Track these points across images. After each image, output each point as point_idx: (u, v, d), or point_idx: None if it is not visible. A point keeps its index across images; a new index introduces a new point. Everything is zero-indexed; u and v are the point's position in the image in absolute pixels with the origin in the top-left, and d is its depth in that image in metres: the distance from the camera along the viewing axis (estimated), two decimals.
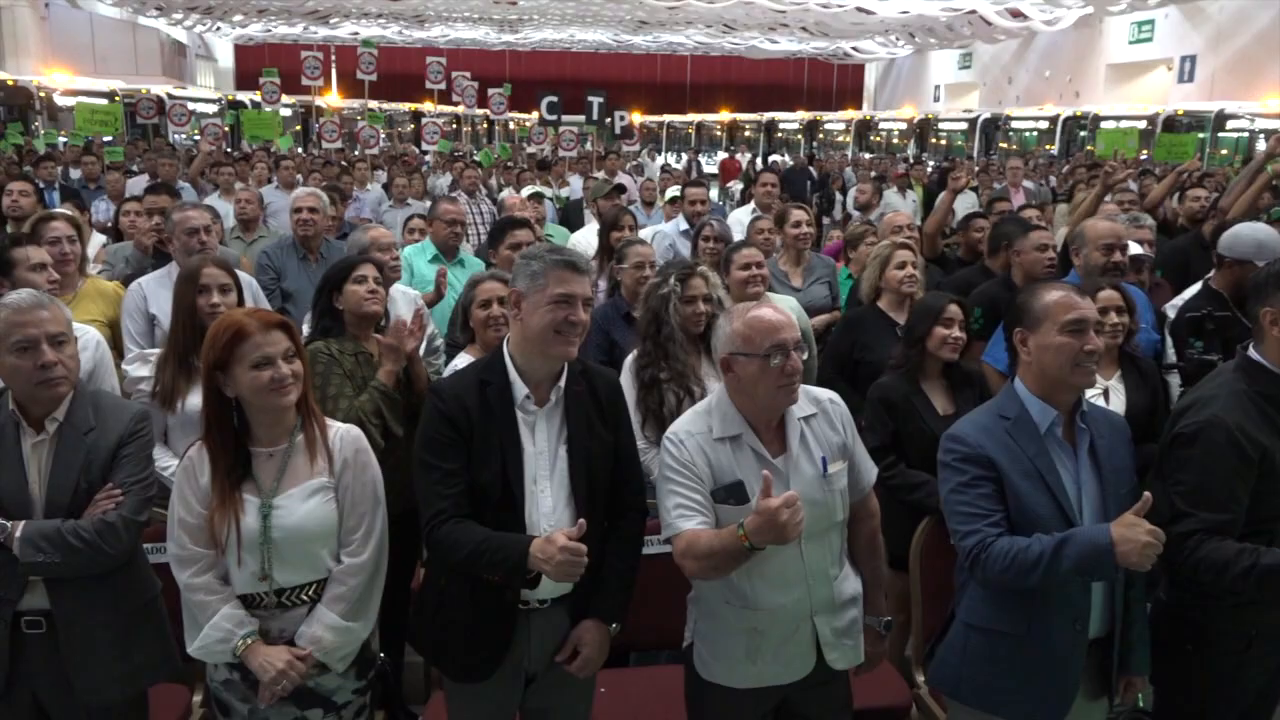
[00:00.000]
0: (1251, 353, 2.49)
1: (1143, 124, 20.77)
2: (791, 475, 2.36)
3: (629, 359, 3.51)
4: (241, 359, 2.29)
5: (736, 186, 14.03)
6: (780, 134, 31.52)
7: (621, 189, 7.38)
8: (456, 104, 19.29)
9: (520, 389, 2.42)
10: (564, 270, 2.35)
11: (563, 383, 2.45)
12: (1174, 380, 3.86)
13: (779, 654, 2.42)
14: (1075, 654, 2.35)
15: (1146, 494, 2.16)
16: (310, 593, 2.41)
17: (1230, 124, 21.07)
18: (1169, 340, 3.99)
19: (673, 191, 7.82)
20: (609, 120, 14.39)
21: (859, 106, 38.85)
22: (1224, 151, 20.61)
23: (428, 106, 22.01)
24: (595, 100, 13.89)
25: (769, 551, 2.32)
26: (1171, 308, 4.22)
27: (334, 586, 2.41)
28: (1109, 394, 3.38)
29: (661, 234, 6.14)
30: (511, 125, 26.69)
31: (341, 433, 2.47)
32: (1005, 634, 2.37)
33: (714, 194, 13.65)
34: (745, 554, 2.19)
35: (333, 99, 25.73)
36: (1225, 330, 3.69)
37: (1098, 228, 4.03)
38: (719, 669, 2.45)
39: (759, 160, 25.25)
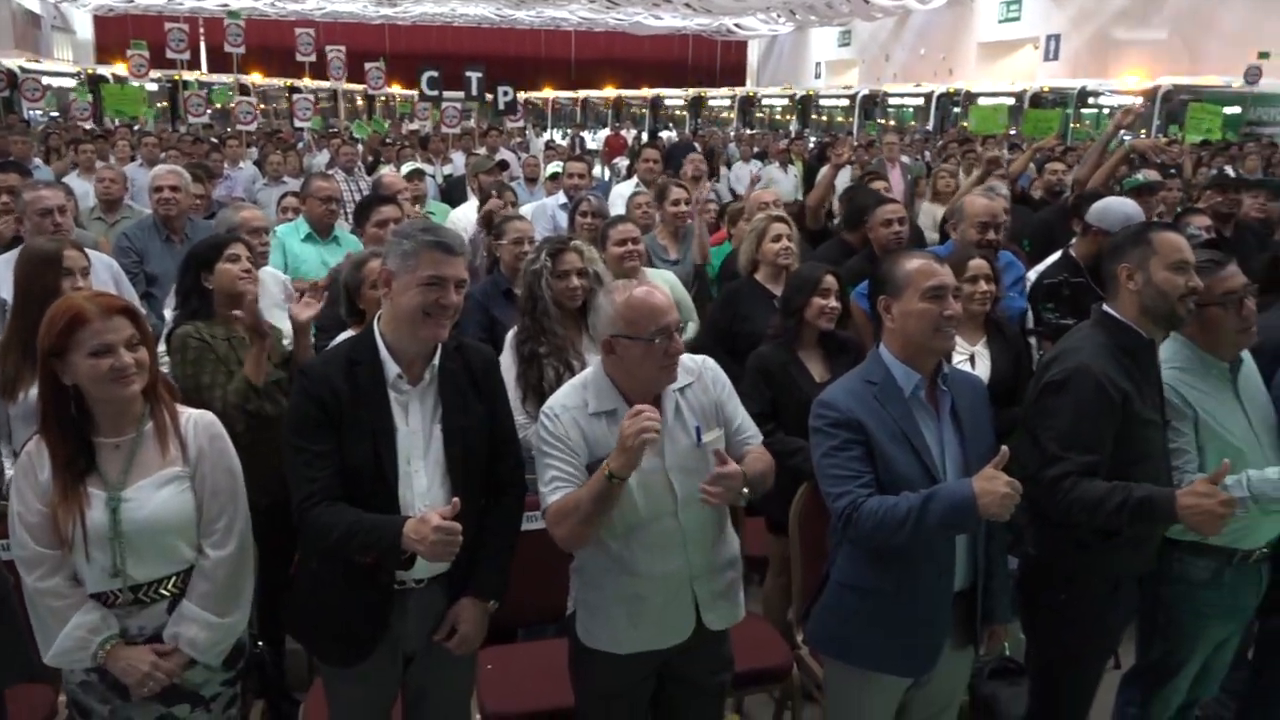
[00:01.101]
0: (1106, 308, 2.62)
1: (1011, 100, 21.54)
2: (667, 447, 2.39)
3: (510, 334, 3.48)
4: (79, 346, 2.16)
5: (623, 163, 14.02)
6: (666, 110, 31.64)
7: (504, 165, 7.30)
8: (331, 79, 18.72)
9: (392, 368, 2.37)
10: (436, 251, 2.30)
11: (436, 361, 2.42)
12: (1034, 343, 4.03)
13: (660, 619, 2.45)
14: (942, 606, 2.45)
15: (1004, 448, 2.25)
16: (170, 586, 2.31)
17: (1091, 100, 22.03)
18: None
19: (554, 167, 7.78)
20: (493, 96, 14.20)
21: (742, 83, 39.26)
22: (1086, 125, 21.56)
23: (306, 82, 21.29)
24: (474, 76, 13.69)
25: (648, 519, 2.35)
26: (1034, 273, 4.41)
27: (200, 582, 2.32)
28: (975, 360, 3.51)
29: (542, 208, 6.11)
30: (392, 101, 26.07)
31: (195, 419, 2.37)
32: (876, 591, 2.45)
33: (600, 170, 13.64)
34: (611, 488, 2.24)
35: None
36: (1079, 296, 3.87)
37: (975, 205, 4.18)
38: (601, 636, 2.48)
39: (644, 136, 25.28)
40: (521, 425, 2.83)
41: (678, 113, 31.49)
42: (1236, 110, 19.94)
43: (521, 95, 19.60)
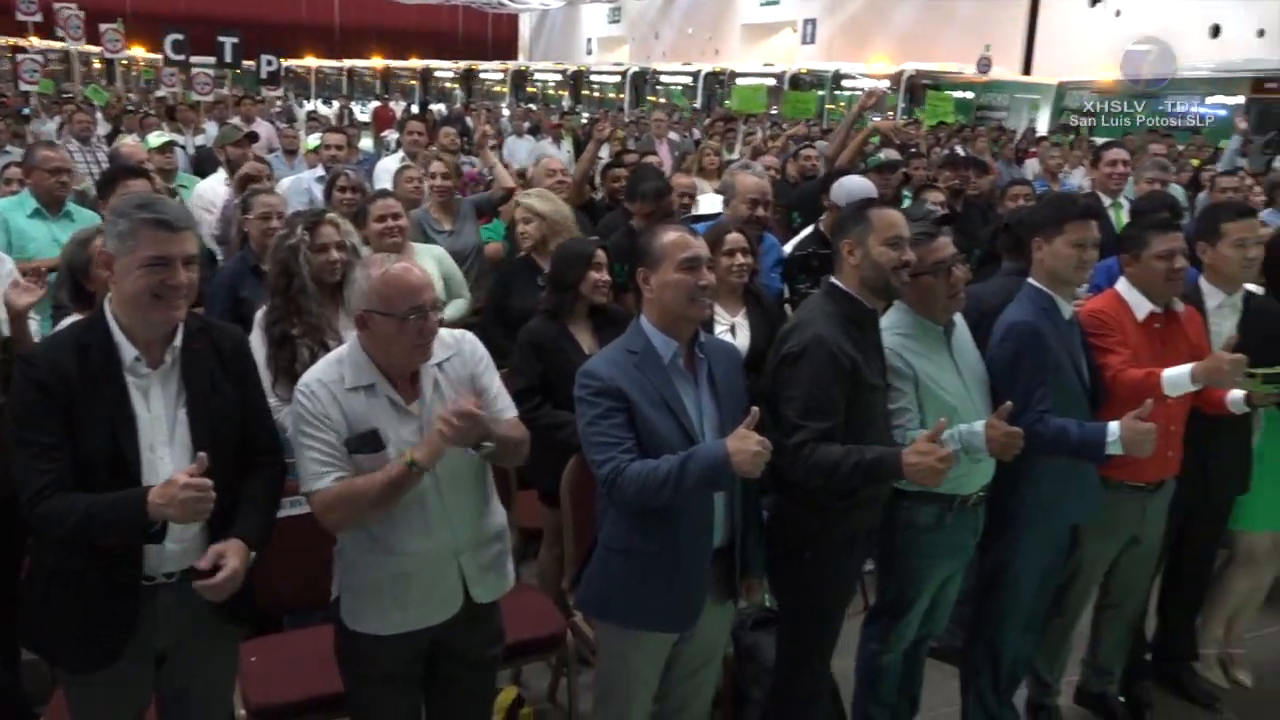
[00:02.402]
0: (834, 280, 2.81)
1: (772, 81, 22.48)
2: (426, 421, 2.37)
3: (258, 314, 3.33)
4: None
5: (392, 136, 13.61)
6: (436, 83, 30.90)
7: (254, 137, 6.93)
8: (62, 39, 17.07)
9: (128, 350, 2.22)
10: (156, 230, 2.15)
11: (178, 342, 2.28)
12: (790, 313, 4.27)
13: (427, 596, 2.44)
14: (702, 563, 2.57)
15: (754, 409, 2.38)
16: None
17: (845, 83, 23.35)
18: None
19: (314, 140, 7.47)
20: (255, 64, 13.43)
21: (514, 57, 38.92)
22: (841, 107, 22.84)
23: (35, 41, 19.27)
24: (229, 41, 12.88)
25: (409, 497, 2.33)
26: (789, 246, 4.66)
27: None
28: (735, 330, 3.66)
29: (298, 181, 5.86)
30: (136, 67, 24.10)
31: None
32: (641, 552, 2.54)
33: (368, 143, 13.19)
34: (410, 476, 2.25)
35: None
36: (826, 268, 4.11)
37: (746, 183, 4.34)
38: (367, 618, 2.44)
39: (414, 108, 24.64)
40: (274, 408, 2.71)
41: (449, 85, 30.84)
42: (970, 96, 21.74)
43: (283, 63, 18.64)
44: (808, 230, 4.83)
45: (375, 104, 24.41)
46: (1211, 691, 3.77)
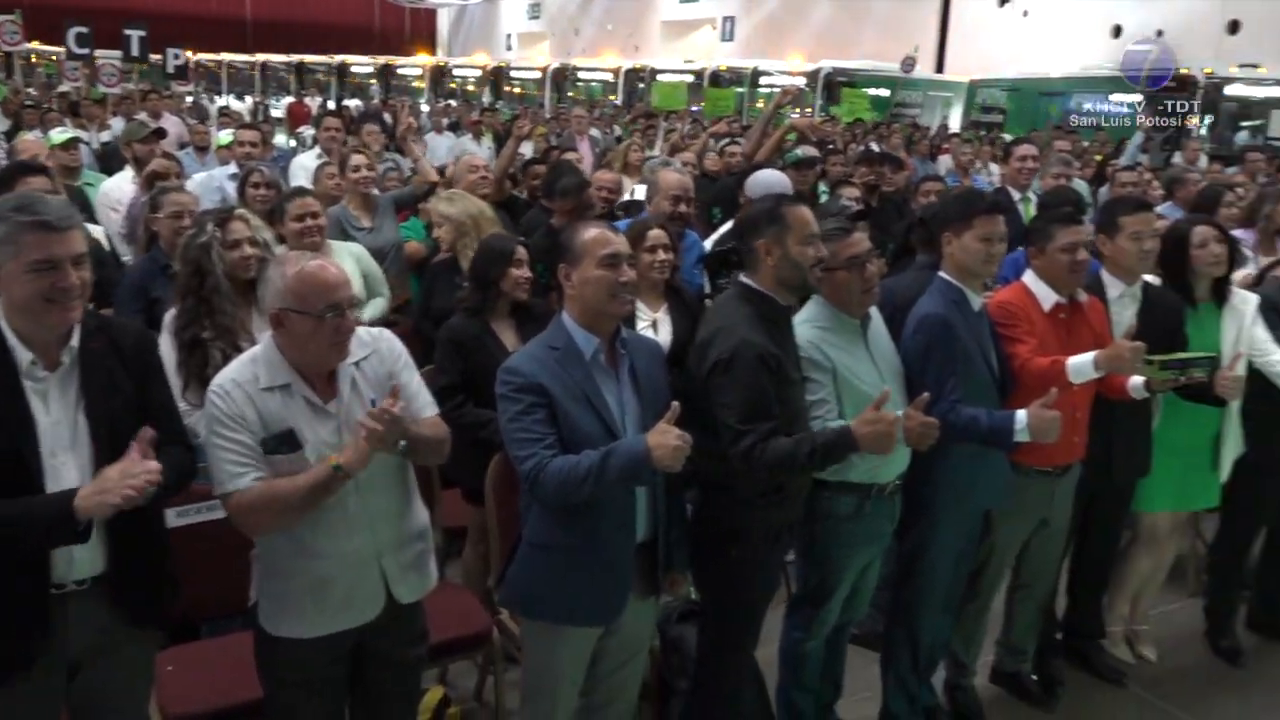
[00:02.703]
0: (745, 279, 2.83)
1: (692, 78, 22.61)
2: (344, 421, 2.35)
3: (166, 318, 3.24)
4: None
5: (308, 132, 13.33)
6: (353, 78, 30.37)
7: (161, 133, 6.75)
8: None
9: (23, 354, 2.14)
10: (38, 232, 2.06)
11: (75, 342, 2.20)
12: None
13: (348, 598, 2.41)
14: (625, 557, 2.58)
15: (675, 404, 2.40)
16: None
17: (764, 80, 23.59)
18: None
19: (226, 136, 7.30)
20: (161, 58, 13.03)
21: (433, 52, 38.46)
22: (761, 104, 23.07)
23: None
24: (135, 34, 12.49)
25: (328, 502, 2.29)
26: (709, 242, 4.70)
27: None
28: (657, 325, 3.68)
29: (210, 179, 5.73)
30: (40, 62, 23.20)
31: None
32: (564, 547, 2.54)
33: (283, 139, 12.91)
34: (334, 480, 2.22)
35: None
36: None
37: (669, 180, 4.36)
38: (287, 622, 2.40)
39: (330, 104, 24.19)
40: (184, 412, 2.65)
41: (366, 81, 30.34)
42: (885, 93, 22.17)
43: (193, 57, 18.13)
44: (728, 225, 4.88)
45: (289, 100, 23.90)
46: (1118, 667, 3.92)
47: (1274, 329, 3.69)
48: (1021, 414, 2.84)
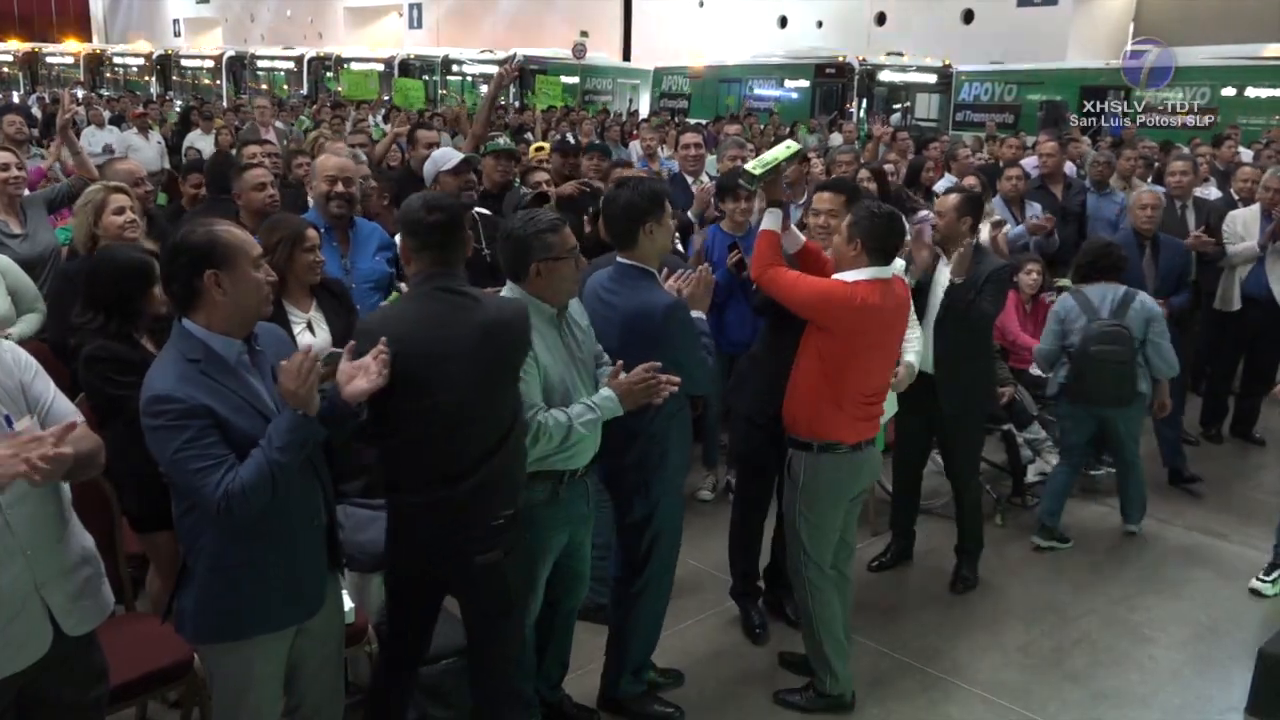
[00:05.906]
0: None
1: (382, 66, 22.06)
2: None
3: None
4: None
5: None
6: None
7: None
8: None
9: None
10: None
11: None
12: None
13: (6, 638, 2.16)
14: (316, 546, 2.55)
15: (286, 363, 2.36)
16: None
17: (455, 68, 23.43)
18: None
19: None
20: None
21: (86, 38, 34.94)
22: (452, 92, 22.90)
23: None
24: None
25: None
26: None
27: None
28: (313, 326, 3.53)
29: None
30: None
31: None
32: (251, 560, 2.42)
33: None
34: None
35: None
36: None
37: (326, 164, 4.26)
38: None
39: None
40: None
41: (11, 71, 27.12)
42: (576, 80, 22.70)
43: None
44: None
45: None
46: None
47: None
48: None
